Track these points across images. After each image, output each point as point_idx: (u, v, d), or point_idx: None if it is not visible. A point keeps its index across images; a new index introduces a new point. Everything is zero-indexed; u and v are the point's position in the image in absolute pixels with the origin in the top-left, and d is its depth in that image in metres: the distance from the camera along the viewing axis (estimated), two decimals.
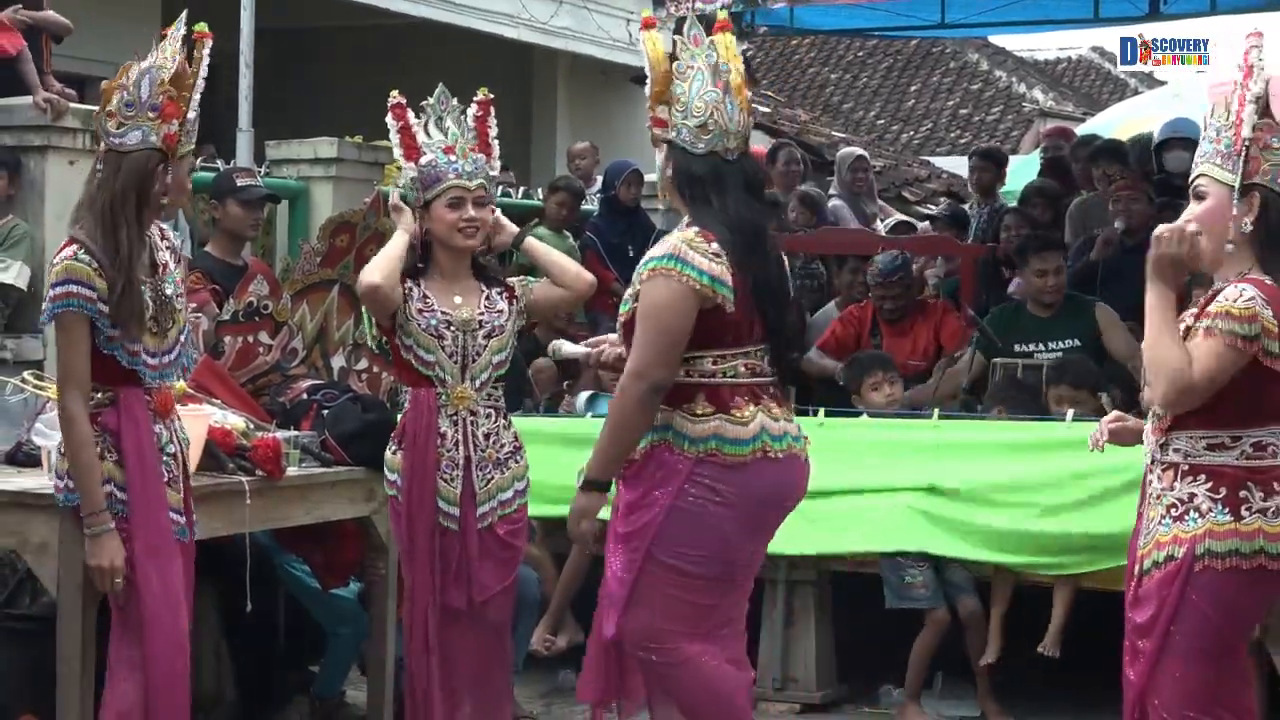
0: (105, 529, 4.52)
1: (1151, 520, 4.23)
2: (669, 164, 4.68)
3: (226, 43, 11.02)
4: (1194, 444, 4.17)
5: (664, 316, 4.49)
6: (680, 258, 4.49)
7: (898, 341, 8.55)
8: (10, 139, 7.91)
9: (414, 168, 5.41)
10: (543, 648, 7.12)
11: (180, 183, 4.68)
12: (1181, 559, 4.13)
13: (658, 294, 4.49)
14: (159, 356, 4.64)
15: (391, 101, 5.44)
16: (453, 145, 5.43)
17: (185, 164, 4.71)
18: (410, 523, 5.35)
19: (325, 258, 6.54)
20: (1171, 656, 4.15)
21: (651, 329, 4.50)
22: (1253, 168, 4.14)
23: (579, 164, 11.94)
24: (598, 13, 15.09)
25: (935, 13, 11.26)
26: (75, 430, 4.50)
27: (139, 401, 4.58)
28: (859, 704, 7.05)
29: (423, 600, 5.36)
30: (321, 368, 6.45)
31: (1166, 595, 4.14)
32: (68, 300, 4.47)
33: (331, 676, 6.55)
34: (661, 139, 4.72)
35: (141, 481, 4.55)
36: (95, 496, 4.51)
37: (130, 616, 4.58)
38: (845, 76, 25.71)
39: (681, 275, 4.47)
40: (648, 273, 4.52)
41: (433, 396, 5.33)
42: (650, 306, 4.50)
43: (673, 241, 4.55)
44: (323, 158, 9.21)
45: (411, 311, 5.35)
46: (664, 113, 4.72)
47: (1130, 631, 4.26)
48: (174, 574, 4.60)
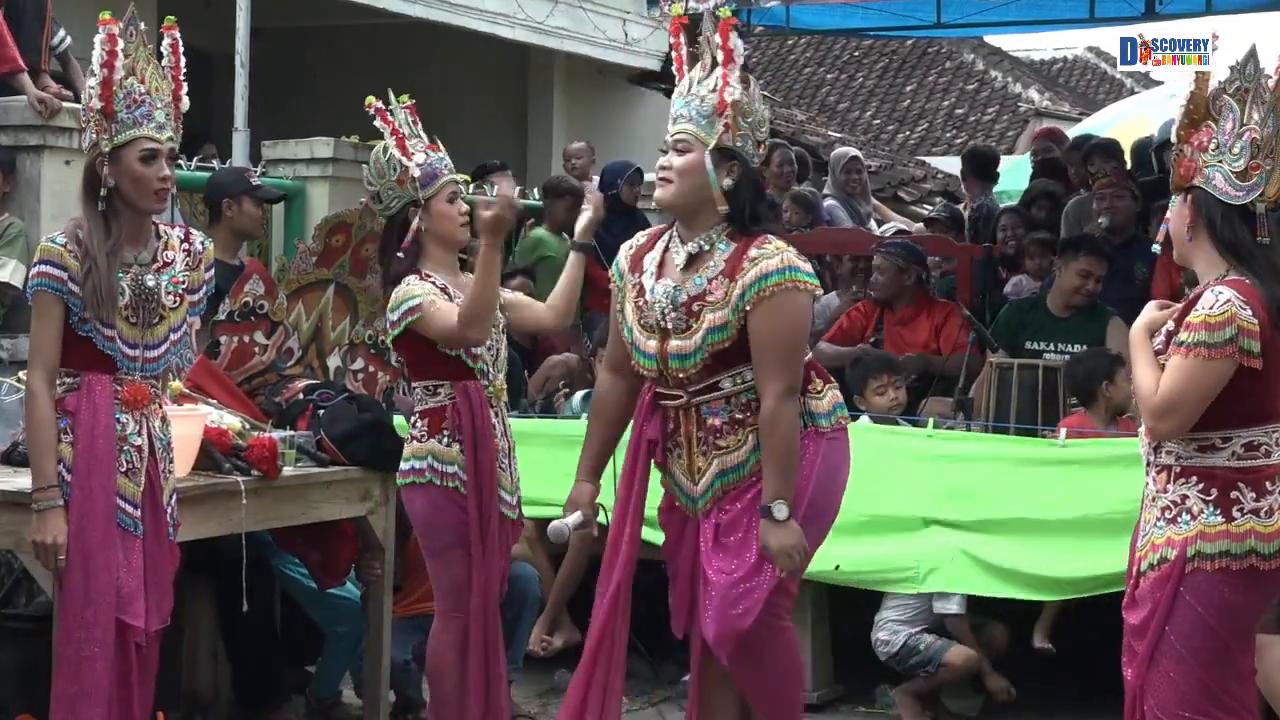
0: (51, 505, 4.58)
1: (1148, 522, 4.25)
2: (726, 174, 4.65)
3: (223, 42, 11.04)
4: (1185, 446, 4.18)
5: (800, 330, 4.64)
6: (798, 267, 4.59)
7: (899, 332, 8.54)
8: (6, 138, 7.90)
9: (415, 165, 5.43)
10: (540, 648, 7.12)
11: (128, 170, 4.63)
12: (1174, 561, 4.15)
13: (796, 308, 4.61)
14: (139, 348, 4.67)
15: (374, 107, 5.51)
16: (433, 143, 5.54)
17: (130, 152, 4.63)
18: (482, 515, 5.40)
19: (321, 257, 6.54)
20: (1166, 657, 4.16)
21: (794, 347, 4.63)
22: (1187, 171, 4.22)
23: (575, 163, 11.93)
24: (594, 13, 15.07)
25: (931, 13, 11.25)
26: (34, 405, 4.60)
27: (104, 388, 4.62)
28: (855, 704, 7.05)
29: (493, 590, 5.44)
30: (317, 367, 6.45)
31: (1160, 597, 4.16)
32: (39, 280, 4.60)
33: (328, 676, 6.54)
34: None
35: (87, 466, 4.58)
36: (45, 473, 4.59)
37: None
38: (841, 76, 25.68)
39: (806, 284, 4.61)
40: (769, 289, 4.55)
41: (480, 389, 5.40)
42: (790, 322, 4.60)
43: (782, 252, 4.60)
44: (319, 157, 9.20)
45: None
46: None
47: (1127, 632, 4.27)
48: (105, 563, 4.58)
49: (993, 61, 25.94)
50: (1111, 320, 7.92)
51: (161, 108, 4.68)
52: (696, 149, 4.66)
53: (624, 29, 15.42)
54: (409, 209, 5.49)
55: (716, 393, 4.70)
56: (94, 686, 4.57)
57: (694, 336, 4.64)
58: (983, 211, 10.84)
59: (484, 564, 5.41)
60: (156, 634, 4.75)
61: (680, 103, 4.72)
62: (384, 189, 5.53)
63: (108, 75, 4.63)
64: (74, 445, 4.60)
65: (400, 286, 5.40)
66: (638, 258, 4.86)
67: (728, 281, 4.61)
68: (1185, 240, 4.25)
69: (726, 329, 4.61)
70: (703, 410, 4.72)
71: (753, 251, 4.61)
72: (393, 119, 5.52)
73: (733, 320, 4.59)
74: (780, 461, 4.60)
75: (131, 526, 4.66)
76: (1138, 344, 4.27)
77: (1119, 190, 8.89)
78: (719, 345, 4.63)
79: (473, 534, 5.39)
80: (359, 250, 6.54)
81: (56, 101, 7.90)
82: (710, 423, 4.72)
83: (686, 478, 4.79)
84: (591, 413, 5.11)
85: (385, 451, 5.83)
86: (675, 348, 4.67)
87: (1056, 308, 8.10)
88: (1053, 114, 23.00)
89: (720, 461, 4.72)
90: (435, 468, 5.39)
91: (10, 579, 6.21)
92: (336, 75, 15.26)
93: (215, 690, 6.45)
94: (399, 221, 5.52)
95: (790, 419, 4.60)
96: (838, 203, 11.19)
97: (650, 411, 4.80)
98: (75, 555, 4.56)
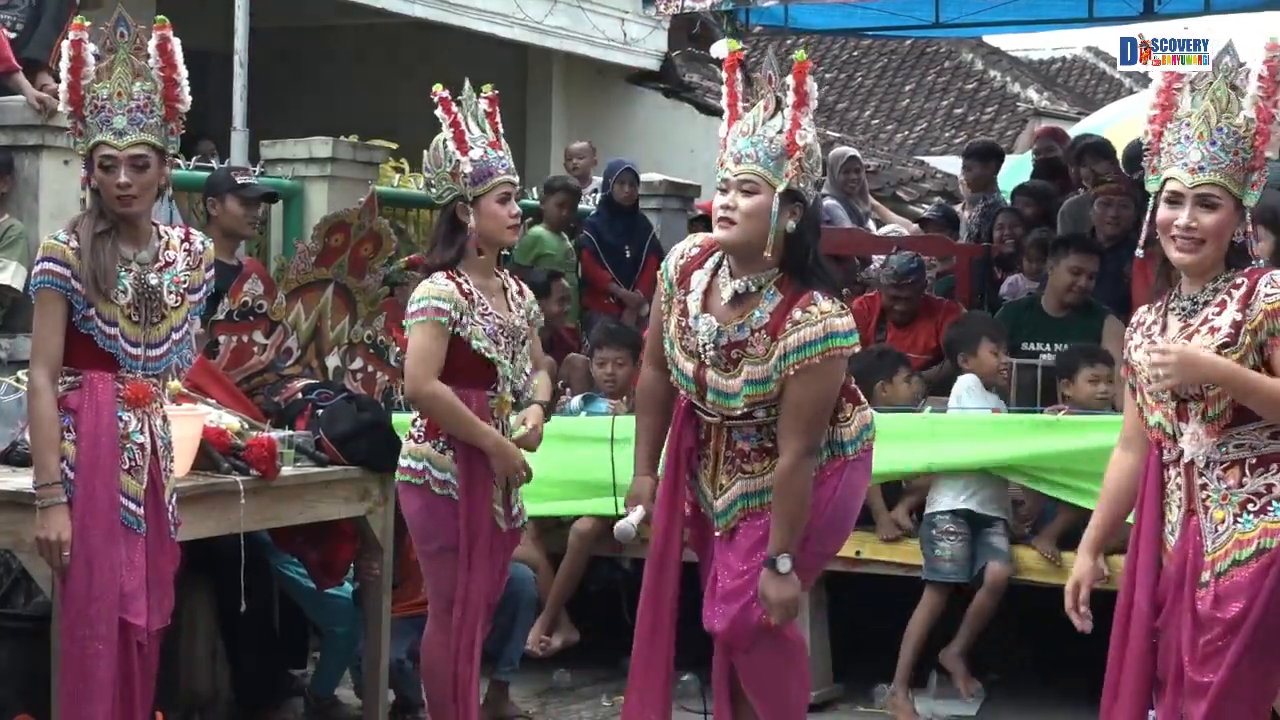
0: (55, 502, 4.58)
1: (1217, 522, 4.13)
2: (789, 215, 4.62)
3: (221, 41, 11.04)
4: (1258, 436, 4.12)
5: (832, 394, 4.67)
6: (838, 332, 4.59)
7: (901, 335, 8.55)
8: (4, 138, 7.89)
9: (468, 160, 5.37)
10: (538, 648, 7.11)
11: (96, 175, 4.64)
12: (1276, 549, 4.06)
13: (832, 377, 4.64)
14: (141, 347, 4.68)
15: (439, 95, 5.40)
16: (496, 141, 5.45)
17: (95, 155, 4.65)
18: (471, 523, 5.37)
19: (320, 257, 6.53)
20: (1268, 653, 4.09)
21: (822, 410, 4.65)
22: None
23: (577, 164, 11.94)
24: (592, 12, 15.07)
25: (930, 12, 11.25)
26: (36, 402, 4.60)
27: (106, 385, 4.63)
28: (854, 703, 7.05)
29: (477, 600, 5.41)
30: (316, 367, 6.44)
31: (1259, 589, 4.06)
32: (41, 277, 4.62)
33: (327, 676, 6.54)
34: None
35: (90, 464, 4.59)
36: (49, 469, 4.59)
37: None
38: (840, 76, 25.69)
39: (844, 350, 4.62)
40: (810, 359, 4.56)
41: (483, 398, 5.35)
42: (824, 390, 4.63)
43: (826, 319, 4.58)
44: (318, 157, 9.18)
45: (476, 315, 5.35)
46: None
47: (1193, 634, 4.14)
48: (111, 561, 4.58)
49: (991, 61, 25.95)
50: (1107, 318, 7.94)
51: (124, 113, 4.63)
52: (765, 191, 4.58)
53: (623, 28, 15.42)
54: (458, 203, 5.42)
55: (750, 420, 4.72)
56: (98, 684, 4.57)
57: (734, 381, 4.66)
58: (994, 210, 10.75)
59: (468, 574, 5.39)
60: (157, 633, 4.75)
61: (745, 142, 4.62)
62: (437, 179, 5.47)
63: (73, 80, 4.66)
64: (77, 443, 4.61)
65: (425, 283, 5.37)
66: (686, 272, 4.81)
67: (769, 339, 4.61)
68: (1221, 242, 4.17)
69: (767, 384, 4.63)
70: (734, 433, 4.75)
71: (796, 313, 4.59)
72: (457, 110, 5.42)
73: (774, 378, 4.62)
74: (789, 517, 4.63)
75: (135, 524, 4.66)
76: (1231, 371, 4.10)
77: (1125, 198, 8.86)
78: (757, 397, 4.66)
79: (461, 544, 5.38)
80: (358, 250, 6.54)
81: (55, 101, 7.87)
82: (740, 446, 4.74)
83: (710, 489, 4.82)
84: (639, 407, 5.07)
85: (384, 451, 5.82)
86: (715, 383, 4.69)
87: (1051, 307, 8.11)
88: (1051, 114, 23.00)
89: (744, 484, 4.75)
90: (431, 472, 5.38)
91: (9, 579, 6.21)
92: (335, 75, 15.27)
93: (214, 690, 6.44)
94: (449, 214, 5.45)
95: (805, 478, 4.63)
96: (836, 202, 11.18)
97: (686, 418, 4.83)
98: (78, 552, 4.56)
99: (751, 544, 4.72)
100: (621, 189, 10.53)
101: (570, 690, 7.23)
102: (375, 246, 6.61)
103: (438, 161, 5.43)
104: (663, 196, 11.90)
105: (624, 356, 7.49)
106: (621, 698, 6.80)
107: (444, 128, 5.41)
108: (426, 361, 5.27)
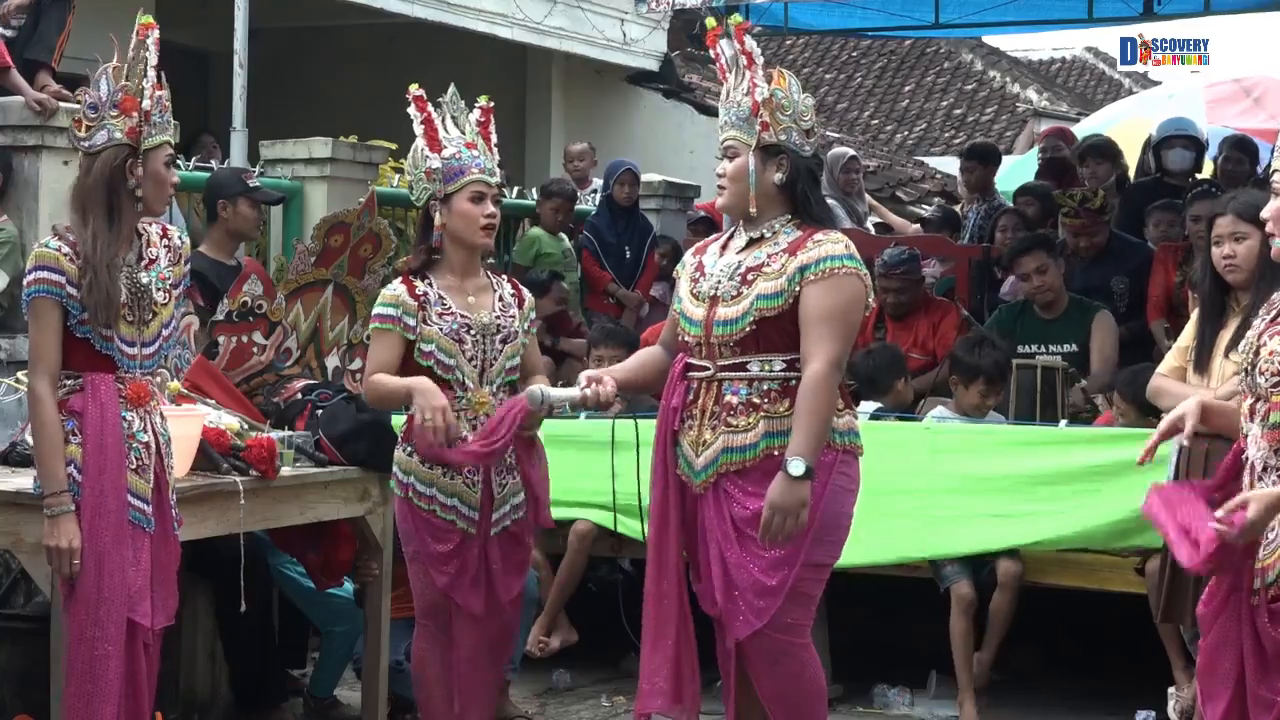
0: (64, 510, 4.57)
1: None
2: (776, 168, 4.78)
3: (221, 42, 11.04)
4: None
5: (855, 315, 4.74)
6: (860, 259, 4.74)
7: (899, 333, 8.54)
8: (3, 138, 7.89)
9: (438, 158, 5.35)
10: (537, 649, 7.10)
11: (154, 174, 4.68)
12: None
13: (853, 292, 4.72)
14: (137, 346, 4.68)
15: (413, 94, 5.40)
16: (473, 141, 5.42)
17: (158, 155, 4.70)
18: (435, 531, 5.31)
19: (320, 258, 6.53)
20: None
21: (846, 324, 4.72)
22: None
23: (576, 165, 11.93)
24: (592, 12, 15.07)
25: (929, 13, 11.24)
26: (39, 411, 4.59)
27: (108, 387, 4.63)
28: (854, 704, 7.05)
29: (445, 604, 5.35)
30: (315, 368, 6.45)
31: None
32: (37, 286, 4.60)
33: (326, 676, 6.54)
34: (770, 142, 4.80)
35: (98, 466, 4.58)
36: (56, 477, 4.58)
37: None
38: (839, 76, 25.67)
39: (864, 277, 4.75)
40: (832, 269, 4.68)
41: (451, 400, 5.25)
42: (848, 303, 4.71)
43: (845, 242, 4.76)
44: (317, 157, 9.19)
45: (431, 315, 5.29)
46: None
47: (1254, 645, 3.97)
48: (120, 561, 4.58)
49: (991, 61, 25.94)
50: (1098, 314, 7.97)
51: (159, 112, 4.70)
52: (743, 152, 4.80)
53: (622, 29, 15.42)
54: (431, 203, 5.38)
55: (743, 373, 4.76)
56: (107, 686, 4.58)
57: (743, 302, 4.74)
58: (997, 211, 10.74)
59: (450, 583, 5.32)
60: (160, 633, 4.76)
61: (724, 111, 4.88)
62: (415, 180, 5.46)
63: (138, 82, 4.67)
64: (83, 446, 4.60)
65: (385, 288, 5.39)
66: (703, 248, 5.03)
67: (787, 256, 4.75)
68: None
69: (779, 297, 4.71)
70: (724, 386, 4.78)
71: (819, 235, 4.77)
72: (433, 110, 5.40)
73: (786, 290, 4.70)
74: (812, 423, 4.65)
75: (144, 523, 4.66)
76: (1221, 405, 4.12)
77: (1093, 228, 8.83)
78: (767, 311, 4.71)
79: (416, 544, 5.32)
80: (357, 250, 6.54)
81: (54, 102, 7.89)
82: (728, 400, 4.77)
83: (692, 449, 4.83)
84: (635, 354, 5.32)
85: (383, 451, 5.80)
86: (722, 315, 4.77)
87: (1041, 310, 8.15)
88: (1051, 114, 22.97)
89: (727, 439, 4.76)
90: (400, 477, 5.33)
91: (9, 579, 6.21)
92: (335, 75, 15.27)
93: (213, 690, 6.44)
94: (426, 214, 5.42)
95: (831, 388, 4.67)
96: (836, 202, 11.17)
97: (678, 381, 4.88)
98: (89, 555, 4.56)
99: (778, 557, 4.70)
100: (622, 189, 10.53)
101: (570, 690, 7.23)
102: (375, 247, 6.62)
103: (415, 162, 5.44)
104: (662, 197, 11.92)
105: (621, 356, 7.45)
106: (621, 698, 6.83)
107: (415, 124, 5.40)
108: (371, 366, 5.34)
